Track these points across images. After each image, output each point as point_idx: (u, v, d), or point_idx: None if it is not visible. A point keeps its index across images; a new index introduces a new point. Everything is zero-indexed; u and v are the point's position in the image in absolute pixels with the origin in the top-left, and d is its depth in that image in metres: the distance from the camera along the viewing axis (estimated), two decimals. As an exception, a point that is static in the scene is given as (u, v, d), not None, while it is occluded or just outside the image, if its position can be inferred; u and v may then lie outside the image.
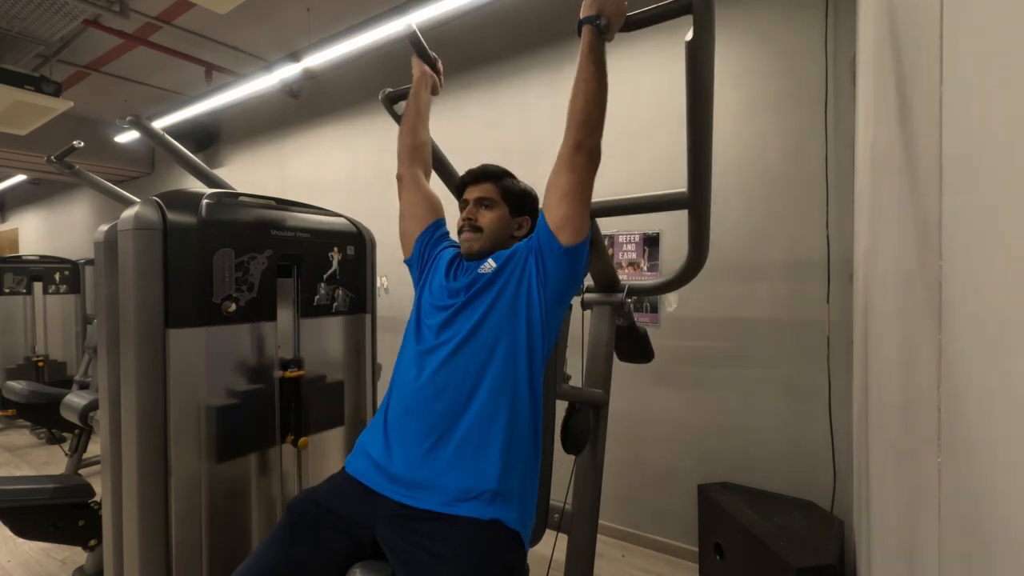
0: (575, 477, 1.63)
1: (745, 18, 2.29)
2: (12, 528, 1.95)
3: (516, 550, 1.03)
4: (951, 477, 0.54)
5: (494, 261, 1.19)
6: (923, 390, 0.65)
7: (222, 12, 2.45)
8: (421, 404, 1.12)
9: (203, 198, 1.42)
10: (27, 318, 4.59)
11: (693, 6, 1.01)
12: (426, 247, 1.33)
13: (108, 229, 1.42)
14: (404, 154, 1.40)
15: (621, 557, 2.45)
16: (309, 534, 1.05)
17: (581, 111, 1.16)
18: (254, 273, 1.48)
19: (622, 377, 2.55)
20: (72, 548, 2.39)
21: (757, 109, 2.26)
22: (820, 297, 2.12)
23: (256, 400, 1.51)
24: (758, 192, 2.26)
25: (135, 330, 1.30)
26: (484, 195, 1.26)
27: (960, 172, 0.51)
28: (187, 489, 1.35)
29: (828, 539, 1.78)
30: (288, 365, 1.60)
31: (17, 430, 4.45)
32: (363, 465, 1.15)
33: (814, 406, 2.13)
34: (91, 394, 2.56)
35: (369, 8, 2.92)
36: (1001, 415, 0.41)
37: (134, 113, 2.25)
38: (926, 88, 0.63)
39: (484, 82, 3.12)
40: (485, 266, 1.19)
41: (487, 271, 1.17)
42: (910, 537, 0.77)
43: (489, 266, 1.18)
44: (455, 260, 1.29)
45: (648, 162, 2.52)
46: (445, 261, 1.29)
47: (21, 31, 3.02)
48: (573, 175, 1.12)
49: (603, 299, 1.70)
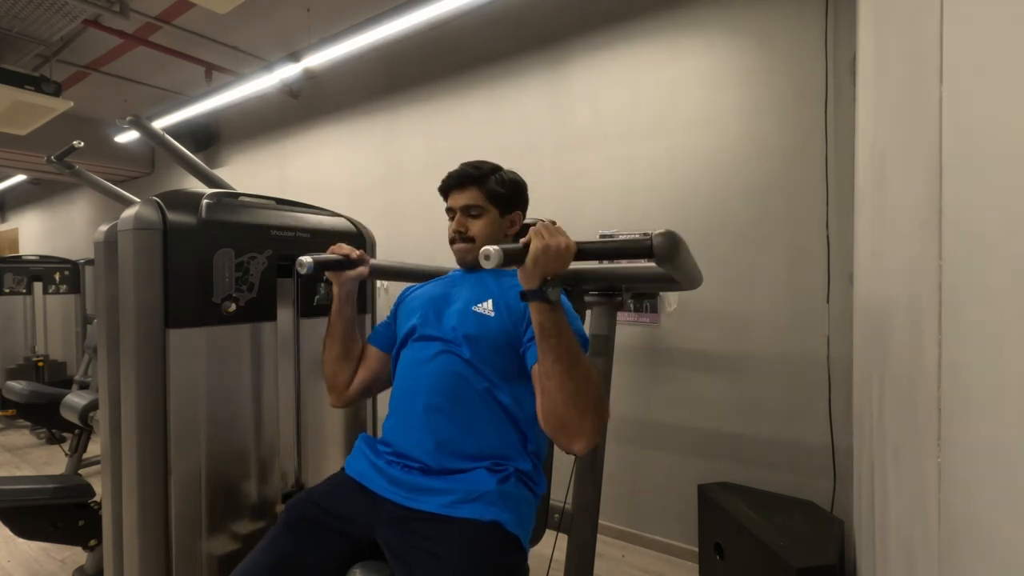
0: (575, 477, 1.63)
1: (745, 18, 2.29)
2: (12, 528, 1.95)
3: (515, 552, 1.03)
4: (951, 477, 0.53)
5: (492, 305, 1.15)
6: (923, 390, 0.65)
7: (222, 12, 2.45)
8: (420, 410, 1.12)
9: (203, 198, 1.42)
10: (27, 318, 4.59)
11: (654, 249, 0.90)
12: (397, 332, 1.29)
13: (108, 229, 1.42)
14: (339, 386, 1.30)
15: (621, 557, 2.45)
16: (308, 534, 1.05)
17: (557, 418, 0.95)
18: (254, 273, 1.47)
19: (622, 377, 2.55)
20: (72, 548, 2.39)
21: (757, 109, 2.26)
22: (820, 297, 2.12)
23: (256, 400, 1.51)
24: (758, 192, 2.26)
25: (135, 330, 1.30)
26: (470, 202, 1.21)
27: (960, 172, 0.51)
28: (187, 489, 1.35)
29: (828, 539, 1.78)
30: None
31: (17, 430, 4.45)
32: (363, 466, 1.15)
33: (814, 406, 2.13)
34: (91, 394, 2.56)
35: (369, 8, 2.92)
36: (1001, 415, 0.41)
37: (134, 113, 2.25)
38: (926, 88, 0.63)
39: (484, 82, 3.12)
40: (481, 307, 1.16)
41: (484, 312, 1.15)
42: (910, 537, 0.77)
43: (486, 309, 1.15)
44: (440, 286, 1.27)
45: (648, 162, 2.52)
46: (423, 290, 1.28)
47: (21, 31, 3.02)
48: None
49: (603, 299, 1.69)
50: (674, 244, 0.92)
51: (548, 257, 0.90)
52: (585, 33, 2.73)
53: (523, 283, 0.94)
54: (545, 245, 0.90)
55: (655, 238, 0.91)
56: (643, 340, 2.55)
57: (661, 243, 0.91)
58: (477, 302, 1.16)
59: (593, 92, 2.70)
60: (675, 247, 0.92)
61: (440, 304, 1.21)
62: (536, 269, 0.91)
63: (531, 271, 0.91)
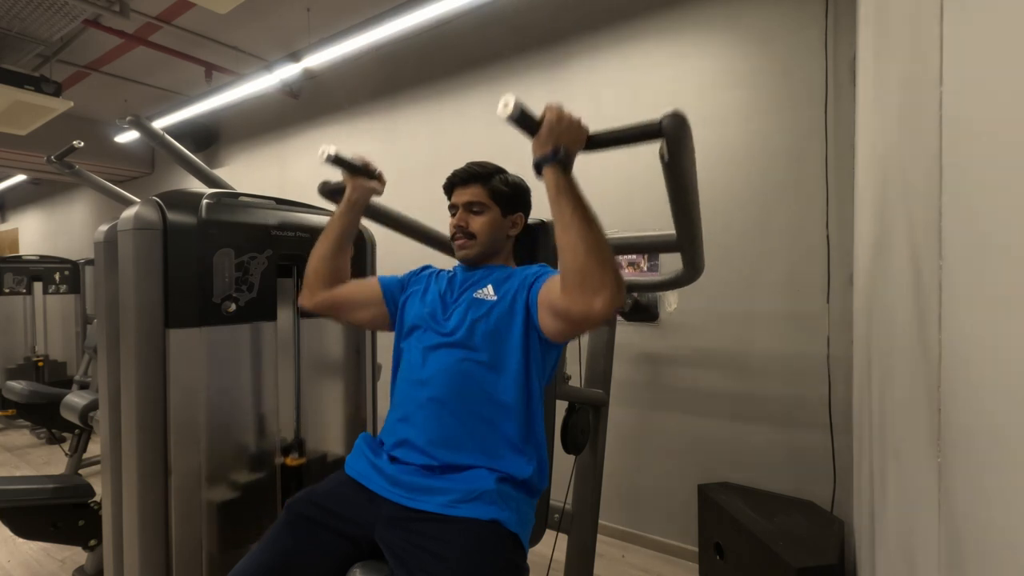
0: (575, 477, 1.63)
1: (745, 18, 2.29)
2: (12, 528, 1.95)
3: (516, 550, 1.03)
4: (951, 477, 0.54)
5: (493, 289, 1.16)
6: (923, 390, 0.65)
7: (222, 12, 2.45)
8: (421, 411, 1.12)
9: (203, 198, 1.42)
10: (27, 318, 4.59)
11: (663, 130, 0.91)
12: (400, 300, 1.29)
13: (108, 229, 1.42)
14: (315, 283, 1.29)
15: (621, 557, 2.45)
16: (307, 534, 1.05)
17: (579, 272, 0.93)
18: (254, 273, 1.48)
19: (622, 377, 2.55)
20: (72, 548, 2.39)
21: (757, 109, 2.26)
22: (820, 297, 2.12)
23: (256, 400, 1.51)
24: (758, 192, 2.26)
25: (135, 330, 1.30)
26: (473, 199, 1.22)
27: (960, 172, 0.51)
28: (187, 489, 1.35)
29: (828, 539, 1.78)
30: (289, 451, 1.59)
31: (17, 430, 4.45)
32: (363, 466, 1.15)
33: (814, 406, 2.13)
34: (91, 394, 2.56)
35: (369, 8, 2.92)
36: (1001, 416, 0.41)
37: (134, 113, 2.25)
38: (926, 88, 0.63)
39: (484, 82, 3.11)
40: (482, 292, 1.16)
41: (485, 297, 1.15)
42: (910, 537, 0.77)
43: (487, 293, 1.16)
44: (444, 281, 1.27)
45: (648, 162, 2.52)
46: (433, 283, 1.27)
47: (21, 31, 3.02)
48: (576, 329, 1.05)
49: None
50: (682, 123, 0.92)
51: (562, 126, 0.94)
52: (585, 33, 2.73)
53: (536, 152, 0.96)
54: (559, 115, 0.94)
55: (664, 119, 0.91)
56: (643, 340, 2.55)
57: (671, 123, 0.91)
58: (478, 290, 1.18)
59: (593, 92, 2.70)
60: (683, 126, 0.93)
61: (445, 300, 1.22)
62: (551, 136, 0.94)
63: (545, 137, 0.94)
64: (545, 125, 0.94)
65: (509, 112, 0.90)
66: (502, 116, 0.91)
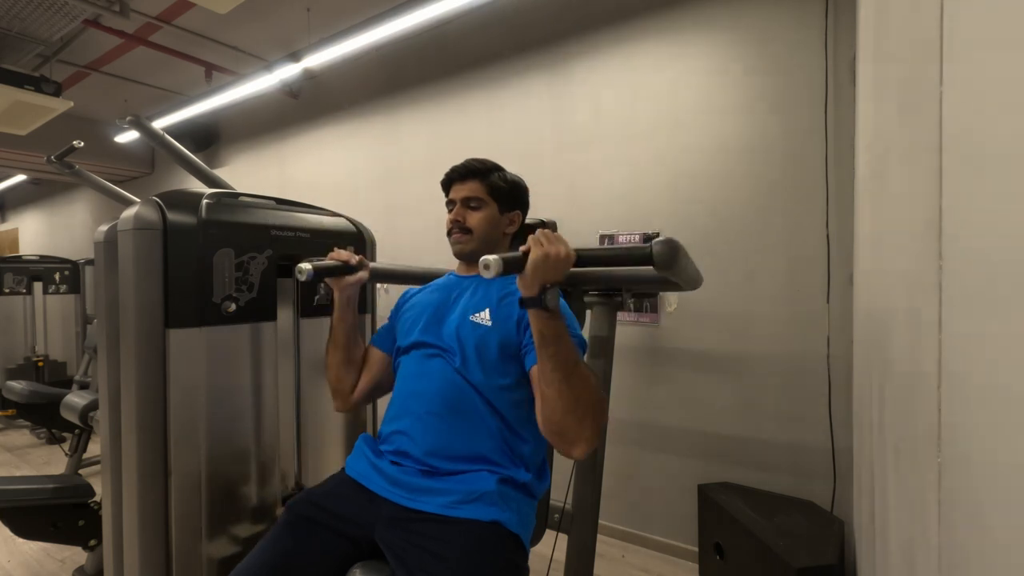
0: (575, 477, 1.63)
1: (745, 18, 2.29)
2: (12, 528, 1.95)
3: (516, 550, 1.03)
4: (951, 477, 0.53)
5: (489, 314, 1.15)
6: (923, 390, 0.65)
7: (222, 12, 2.46)
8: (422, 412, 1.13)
9: (203, 198, 1.42)
10: (27, 318, 4.59)
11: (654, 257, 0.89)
12: (396, 338, 1.29)
13: (108, 229, 1.42)
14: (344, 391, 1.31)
15: (621, 557, 2.45)
16: (308, 534, 1.05)
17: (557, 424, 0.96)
18: (254, 273, 1.47)
19: (622, 377, 2.55)
20: (72, 548, 2.39)
21: (757, 109, 2.26)
22: (820, 297, 2.12)
23: (256, 400, 1.51)
24: (758, 192, 2.26)
25: (135, 330, 1.30)
26: (471, 194, 1.22)
27: (960, 171, 0.51)
28: (187, 489, 1.35)
29: (828, 539, 1.78)
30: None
31: (17, 430, 4.45)
32: (363, 467, 1.15)
33: (814, 406, 2.13)
34: (91, 394, 2.56)
35: (369, 8, 2.92)
36: (1001, 415, 0.41)
37: (134, 113, 2.25)
38: (926, 88, 0.62)
39: (484, 82, 3.11)
40: (478, 316, 1.15)
41: (481, 322, 1.14)
42: (910, 537, 0.77)
43: (483, 318, 1.15)
44: (436, 292, 1.27)
45: (648, 162, 2.52)
46: (421, 299, 1.28)
47: (21, 31, 3.02)
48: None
49: (603, 299, 1.69)
50: (674, 251, 0.91)
51: (548, 265, 0.90)
52: (585, 33, 2.73)
53: (522, 291, 0.93)
54: (545, 253, 0.90)
55: (655, 245, 0.90)
56: (643, 340, 2.55)
57: (661, 251, 0.90)
58: (475, 311, 1.16)
59: (593, 92, 2.70)
60: (675, 254, 0.90)
61: (439, 312, 1.21)
62: (535, 277, 0.90)
63: (530, 279, 0.90)
64: (530, 264, 0.90)
65: (492, 274, 0.87)
66: (488, 277, 0.88)
